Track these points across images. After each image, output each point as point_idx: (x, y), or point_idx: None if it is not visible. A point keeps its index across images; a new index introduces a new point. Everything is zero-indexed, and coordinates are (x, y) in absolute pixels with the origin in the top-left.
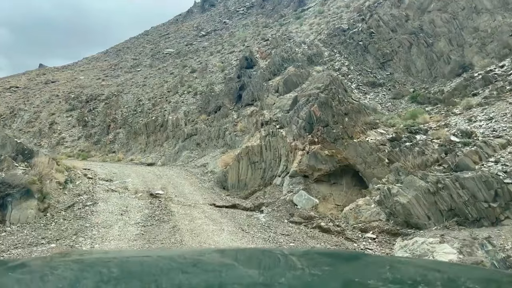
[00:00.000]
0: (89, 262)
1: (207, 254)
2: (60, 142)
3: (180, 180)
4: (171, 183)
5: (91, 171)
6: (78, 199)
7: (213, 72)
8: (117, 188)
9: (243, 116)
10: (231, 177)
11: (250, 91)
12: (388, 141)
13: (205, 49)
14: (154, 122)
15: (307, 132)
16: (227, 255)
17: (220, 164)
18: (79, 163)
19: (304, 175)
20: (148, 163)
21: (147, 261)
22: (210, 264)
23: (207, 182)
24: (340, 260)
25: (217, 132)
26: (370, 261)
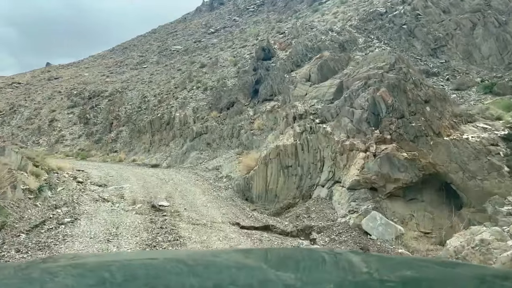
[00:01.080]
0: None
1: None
2: (59, 140)
3: (190, 186)
4: (178, 190)
5: (83, 174)
6: (53, 213)
7: (224, 66)
8: (110, 197)
9: (261, 112)
10: (256, 186)
11: (268, 85)
12: (501, 139)
13: (214, 45)
14: (160, 120)
15: (372, 126)
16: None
17: (240, 168)
18: (73, 164)
19: (371, 188)
20: (152, 164)
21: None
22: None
23: (223, 190)
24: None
25: (230, 130)
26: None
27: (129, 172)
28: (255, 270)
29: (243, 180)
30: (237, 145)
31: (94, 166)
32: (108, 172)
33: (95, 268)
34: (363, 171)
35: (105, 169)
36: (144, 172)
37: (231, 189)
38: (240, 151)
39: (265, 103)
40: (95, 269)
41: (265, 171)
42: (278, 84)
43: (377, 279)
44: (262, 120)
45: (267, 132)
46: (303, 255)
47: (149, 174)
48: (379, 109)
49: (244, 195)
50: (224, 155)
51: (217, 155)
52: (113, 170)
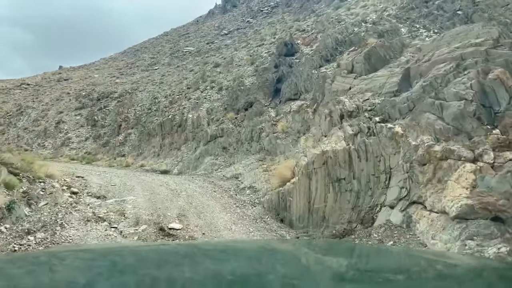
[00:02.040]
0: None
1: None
2: (65, 143)
3: (207, 200)
4: (193, 205)
5: (81, 182)
6: (21, 243)
7: (240, 65)
8: (107, 214)
9: (285, 113)
10: (296, 204)
11: (292, 83)
12: None
13: (227, 46)
14: (171, 122)
15: (485, 124)
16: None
17: (268, 178)
18: (75, 169)
19: (494, 217)
20: (161, 170)
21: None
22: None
23: (249, 206)
24: None
25: (249, 133)
26: None
27: (135, 180)
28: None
29: (277, 195)
30: (257, 150)
31: (97, 172)
32: (110, 179)
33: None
34: (479, 192)
35: (108, 176)
36: (152, 181)
37: (260, 206)
38: (261, 157)
39: (289, 103)
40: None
41: (307, 185)
42: (305, 82)
43: None
44: (286, 122)
45: (293, 135)
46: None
47: (157, 183)
48: (494, 98)
49: (278, 214)
50: (243, 161)
51: (235, 161)
52: (118, 177)
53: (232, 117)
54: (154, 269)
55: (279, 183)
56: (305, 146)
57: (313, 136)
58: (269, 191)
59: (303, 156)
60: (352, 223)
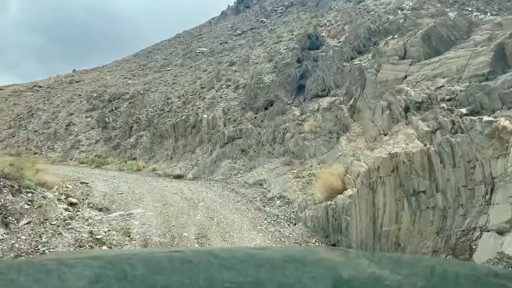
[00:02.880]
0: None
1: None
2: (75, 145)
3: (231, 213)
4: (215, 221)
5: (84, 189)
6: None
7: (257, 63)
8: (108, 234)
9: (312, 111)
10: (356, 224)
11: (319, 78)
12: None
13: (242, 46)
14: (185, 123)
15: None
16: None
17: (316, 189)
18: (82, 173)
19: None
20: (174, 175)
21: None
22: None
23: (285, 224)
24: None
25: (270, 134)
26: None
27: (146, 186)
28: None
29: (325, 211)
30: (281, 152)
31: (104, 177)
32: (118, 186)
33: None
34: None
35: (116, 182)
36: (164, 188)
37: (301, 224)
38: (287, 160)
39: (316, 100)
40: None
41: (370, 199)
42: (334, 76)
43: None
44: (314, 120)
45: (324, 135)
46: None
47: (171, 190)
48: None
49: (327, 236)
50: (266, 165)
51: (256, 165)
52: (126, 183)
53: (251, 116)
54: (165, 277)
55: (325, 195)
56: (353, 148)
57: (358, 136)
58: (310, 205)
59: (355, 161)
60: (439, 253)
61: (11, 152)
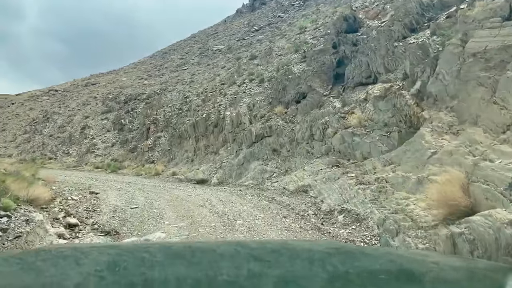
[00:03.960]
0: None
1: None
2: (90, 149)
3: (282, 237)
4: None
5: (91, 202)
6: None
7: (281, 55)
8: None
9: (357, 102)
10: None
11: (362, 63)
12: None
13: (260, 41)
14: (205, 121)
15: None
16: None
17: (435, 205)
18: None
19: None
20: (197, 179)
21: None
22: None
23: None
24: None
25: (307, 130)
26: None
27: (166, 196)
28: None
29: (450, 242)
30: (323, 151)
31: (119, 184)
32: (132, 196)
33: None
34: None
35: (131, 191)
36: (188, 197)
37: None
38: (333, 161)
39: (360, 88)
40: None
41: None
42: (383, 59)
43: None
44: (363, 112)
45: (380, 129)
46: None
47: (196, 201)
48: None
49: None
50: (307, 168)
51: (292, 167)
52: (143, 191)
53: (281, 111)
54: (186, 265)
55: (442, 215)
56: (462, 143)
57: (451, 126)
58: (410, 229)
59: (483, 162)
60: None
61: (26, 157)
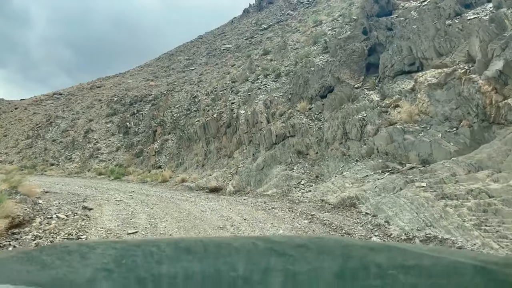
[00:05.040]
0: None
1: None
2: (93, 154)
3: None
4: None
5: (80, 223)
6: None
7: (297, 48)
8: None
9: (402, 93)
10: None
11: (402, 49)
12: None
13: (270, 38)
14: (217, 122)
15: None
16: None
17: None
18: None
19: None
20: (210, 188)
21: None
22: None
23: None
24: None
25: (338, 128)
26: None
27: (174, 212)
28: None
29: None
30: (364, 153)
31: (120, 195)
32: (133, 213)
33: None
34: None
35: (132, 204)
36: (202, 214)
37: None
38: (381, 165)
39: (402, 77)
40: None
41: None
42: (432, 41)
43: None
44: (413, 105)
45: (439, 124)
46: None
47: (213, 220)
48: None
49: None
50: (347, 173)
51: (324, 172)
52: (146, 205)
53: (304, 108)
54: (199, 260)
55: None
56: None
57: None
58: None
59: None
60: None
61: (27, 164)
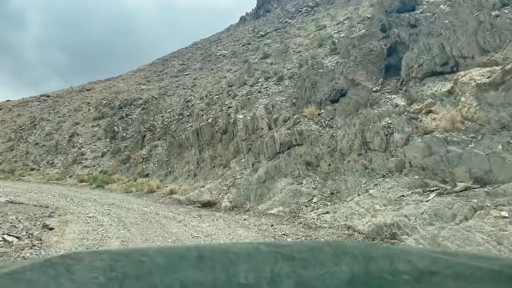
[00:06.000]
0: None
1: None
2: (77, 159)
3: None
4: None
5: (27, 250)
6: None
7: (300, 51)
8: None
9: (435, 96)
10: None
11: (433, 47)
12: None
13: (268, 45)
14: (211, 127)
15: None
16: None
17: None
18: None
19: None
20: (202, 202)
21: None
22: None
23: None
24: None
25: (356, 137)
26: None
27: (157, 235)
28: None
29: None
30: (394, 167)
31: (96, 207)
32: (103, 237)
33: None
34: None
35: (105, 223)
36: (195, 240)
37: None
38: (419, 182)
39: (431, 79)
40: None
41: None
42: (475, 36)
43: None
44: (456, 109)
45: (494, 134)
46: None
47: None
48: None
49: None
50: (374, 191)
51: (342, 188)
52: (123, 225)
53: (313, 113)
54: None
55: None
56: None
57: None
58: None
59: None
60: None
61: (6, 168)
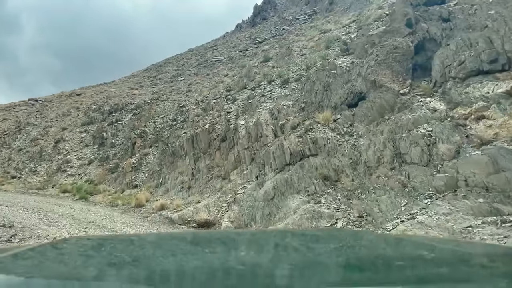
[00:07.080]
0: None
1: None
2: (62, 167)
3: None
4: None
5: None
6: None
7: (304, 54)
8: None
9: (488, 99)
10: None
11: (476, 42)
12: None
13: (266, 51)
14: (208, 134)
15: None
16: None
17: None
18: (37, 218)
19: None
20: (198, 221)
21: None
22: None
23: None
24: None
25: (386, 147)
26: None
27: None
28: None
29: None
30: (442, 185)
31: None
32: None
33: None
34: None
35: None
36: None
37: None
38: (488, 207)
39: (477, 79)
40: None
41: None
42: None
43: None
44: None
45: None
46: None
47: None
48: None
49: None
50: (423, 217)
51: (374, 211)
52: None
53: (328, 118)
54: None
55: None
56: None
57: None
58: None
59: None
60: None
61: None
